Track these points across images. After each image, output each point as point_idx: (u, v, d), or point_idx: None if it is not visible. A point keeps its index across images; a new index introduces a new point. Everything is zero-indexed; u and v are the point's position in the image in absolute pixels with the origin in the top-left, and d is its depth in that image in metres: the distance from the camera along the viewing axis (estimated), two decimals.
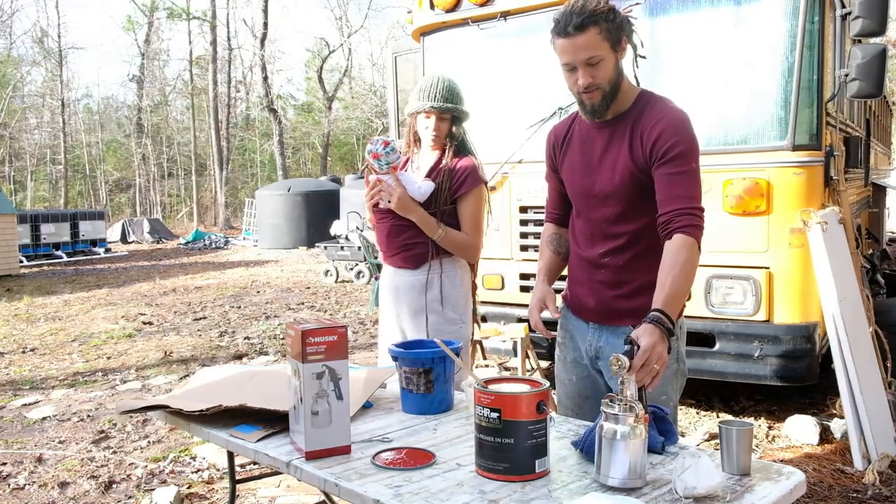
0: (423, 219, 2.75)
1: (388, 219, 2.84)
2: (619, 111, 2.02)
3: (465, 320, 2.89)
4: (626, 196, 1.99)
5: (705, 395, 4.70)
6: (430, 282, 2.80)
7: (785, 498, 1.53)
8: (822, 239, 3.56)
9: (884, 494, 3.22)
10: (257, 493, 3.46)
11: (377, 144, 2.76)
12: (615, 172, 2.00)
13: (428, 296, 2.81)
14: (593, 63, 1.91)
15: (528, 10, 4.26)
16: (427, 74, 2.86)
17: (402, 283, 2.86)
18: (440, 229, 2.77)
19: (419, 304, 2.83)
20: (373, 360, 6.21)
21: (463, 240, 2.82)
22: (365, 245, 10.89)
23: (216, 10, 31.90)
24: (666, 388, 2.09)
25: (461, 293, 2.86)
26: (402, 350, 2.20)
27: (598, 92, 1.95)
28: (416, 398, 2.13)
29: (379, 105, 30.66)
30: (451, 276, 2.83)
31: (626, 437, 1.51)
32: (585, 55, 1.89)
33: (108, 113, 41.59)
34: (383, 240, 2.90)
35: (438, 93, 2.77)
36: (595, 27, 1.88)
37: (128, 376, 5.96)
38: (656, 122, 1.95)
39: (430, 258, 2.80)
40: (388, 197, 2.74)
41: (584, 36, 1.88)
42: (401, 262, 2.86)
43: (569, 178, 2.15)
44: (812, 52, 3.66)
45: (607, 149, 2.03)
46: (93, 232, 19.08)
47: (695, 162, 1.94)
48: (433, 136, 2.81)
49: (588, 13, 1.87)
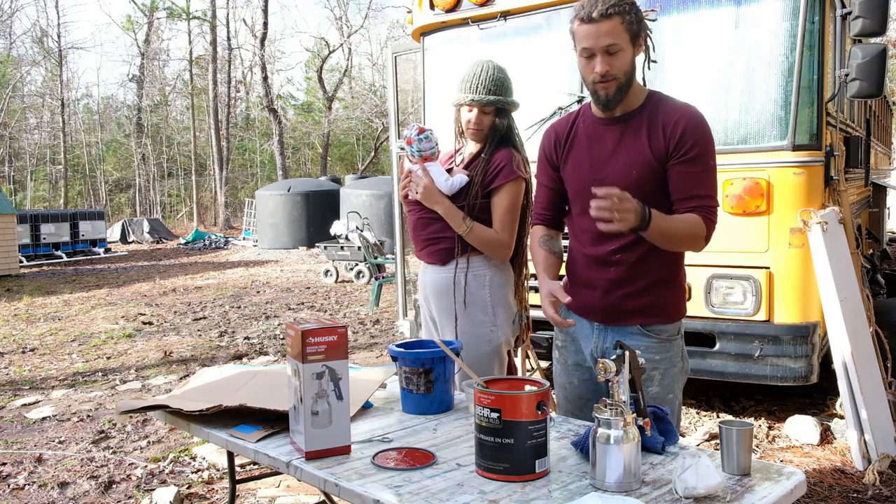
0: (449, 211, 2.62)
1: (417, 211, 2.74)
2: (629, 108, 2.04)
3: (499, 323, 2.67)
4: (639, 190, 1.99)
5: (705, 395, 4.70)
6: (457, 281, 2.65)
7: (785, 498, 1.53)
8: (822, 239, 3.55)
9: (884, 494, 3.22)
10: (257, 493, 3.46)
11: (412, 130, 2.70)
12: (631, 167, 2.01)
13: (455, 296, 2.66)
14: (613, 52, 1.94)
15: (528, 10, 4.26)
16: (474, 62, 2.69)
17: (430, 280, 2.75)
18: (466, 224, 2.61)
19: (446, 304, 2.70)
20: (373, 361, 6.21)
21: (491, 236, 2.63)
22: (365, 245, 10.89)
23: (216, 10, 31.91)
24: (673, 388, 2.10)
25: (490, 294, 2.66)
26: (402, 350, 2.19)
27: (615, 83, 1.97)
28: (416, 398, 2.13)
29: (379, 105, 30.64)
30: (480, 277, 2.65)
31: (619, 440, 1.53)
32: (607, 42, 1.93)
33: (108, 113, 41.59)
34: (412, 233, 2.81)
35: (482, 84, 2.60)
36: (619, 17, 1.92)
37: (128, 376, 5.96)
38: (678, 117, 1.98)
39: (457, 255, 2.66)
40: (416, 188, 2.66)
41: (609, 23, 1.92)
42: (428, 256, 2.74)
43: (573, 175, 2.14)
44: (812, 52, 3.66)
45: (620, 144, 2.04)
46: (93, 232, 19.08)
47: (713, 160, 2.00)
48: (474, 129, 2.65)
49: (615, 2, 1.92)
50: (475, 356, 2.60)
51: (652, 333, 2.07)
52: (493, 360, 2.68)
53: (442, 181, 2.66)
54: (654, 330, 2.07)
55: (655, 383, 2.05)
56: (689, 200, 1.96)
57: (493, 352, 2.67)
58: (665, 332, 2.08)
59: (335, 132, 36.18)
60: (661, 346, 2.07)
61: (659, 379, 2.06)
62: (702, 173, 1.97)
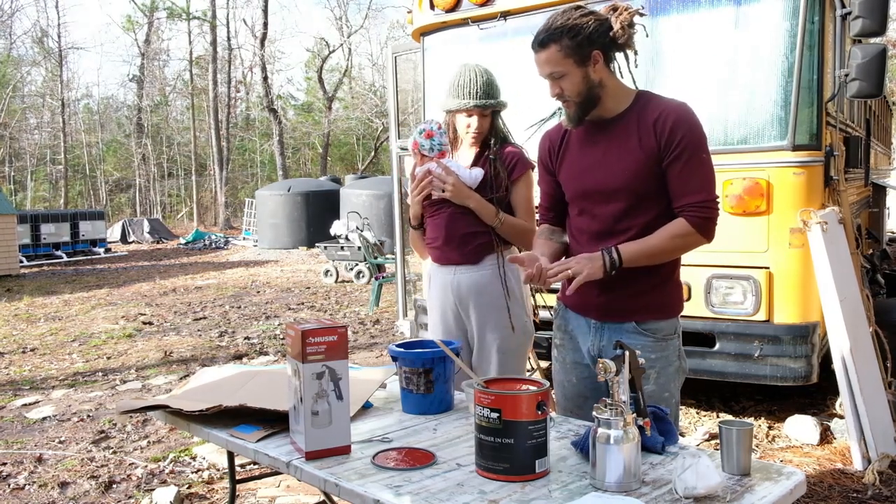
0: (482, 205, 2.61)
1: (445, 209, 2.68)
2: (617, 110, 2.06)
3: (529, 314, 2.75)
4: (634, 190, 2.02)
5: (705, 395, 4.70)
6: (500, 276, 2.67)
7: (785, 498, 1.53)
8: (822, 239, 3.55)
9: (884, 494, 3.22)
10: (257, 493, 3.46)
11: (432, 124, 2.67)
12: (625, 167, 2.02)
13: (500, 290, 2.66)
14: (556, 77, 2.01)
15: (528, 10, 4.26)
16: (461, 67, 2.71)
17: (465, 281, 2.69)
18: (499, 216, 2.63)
19: (488, 300, 2.67)
20: (373, 361, 6.22)
21: (522, 225, 2.67)
22: (365, 245, 10.89)
23: (216, 10, 31.92)
24: (669, 386, 2.11)
25: (519, 287, 2.71)
26: (402, 350, 2.19)
27: (570, 103, 2.04)
28: (417, 398, 2.12)
29: (379, 105, 30.65)
30: (514, 270, 2.67)
31: (619, 440, 1.53)
32: (547, 70, 2.02)
33: (108, 113, 41.59)
34: (441, 233, 2.71)
35: (480, 89, 2.63)
36: (555, 44, 1.98)
37: (128, 376, 5.96)
38: (667, 114, 1.99)
39: (495, 248, 2.67)
40: (442, 186, 2.61)
41: (546, 52, 2.00)
42: (460, 257, 2.69)
43: (569, 179, 2.17)
44: (812, 51, 3.66)
45: (613, 145, 2.05)
46: (93, 232, 19.08)
47: (705, 152, 2.01)
48: (476, 133, 2.67)
49: (550, 31, 1.98)
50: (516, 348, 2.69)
51: (648, 332, 2.08)
52: (528, 351, 2.78)
53: (466, 174, 2.65)
54: (649, 328, 2.08)
55: (651, 381, 2.06)
56: (682, 198, 1.99)
57: (528, 343, 2.76)
58: (661, 332, 2.09)
59: (335, 132, 36.19)
60: (656, 345, 2.08)
61: (655, 377, 2.07)
62: (695, 168, 1.98)
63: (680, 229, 1.98)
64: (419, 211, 2.78)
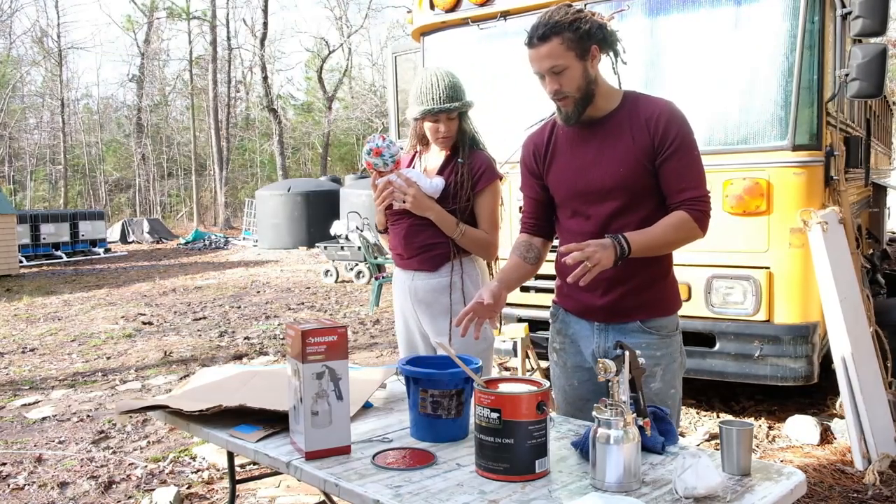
0: (442, 217, 2.62)
1: (405, 220, 2.70)
2: (607, 110, 2.07)
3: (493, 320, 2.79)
4: (629, 188, 2.03)
5: (705, 395, 4.70)
6: (453, 284, 2.67)
7: (785, 498, 1.53)
8: (822, 239, 3.55)
9: (884, 494, 3.22)
10: (257, 493, 3.46)
11: (376, 140, 2.67)
12: (617, 166, 2.03)
13: (452, 298, 2.66)
14: (557, 71, 1.99)
15: (528, 10, 4.26)
16: (423, 72, 2.72)
17: (422, 287, 2.72)
18: (459, 227, 2.63)
19: (442, 308, 2.69)
20: (373, 361, 6.21)
21: (482, 237, 2.68)
22: (365, 245, 10.88)
23: (216, 10, 31.91)
24: (674, 383, 2.12)
25: None
26: (430, 370, 1.87)
27: (569, 99, 2.03)
28: (446, 424, 1.84)
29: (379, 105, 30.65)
30: (473, 276, 2.70)
31: (619, 441, 1.53)
32: (549, 64, 1.99)
33: (108, 113, 41.56)
34: (400, 242, 2.74)
35: (443, 92, 2.62)
36: (557, 37, 1.97)
37: (128, 376, 5.96)
38: (660, 111, 2.01)
39: (452, 258, 2.67)
40: (402, 196, 2.61)
41: (548, 46, 1.99)
42: (418, 264, 2.71)
43: (559, 182, 2.16)
44: (812, 52, 3.66)
45: (605, 145, 2.06)
46: (92, 232, 19.07)
47: (696, 149, 2.04)
48: (444, 137, 2.67)
49: (551, 24, 1.98)
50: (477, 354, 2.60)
51: (652, 330, 2.09)
52: (490, 356, 2.77)
53: (426, 185, 2.65)
54: (654, 326, 2.09)
55: (658, 379, 2.07)
56: (679, 194, 2.01)
57: (488, 348, 2.75)
58: (665, 329, 2.10)
59: (335, 132, 36.20)
60: (661, 343, 2.09)
61: (661, 375, 2.08)
62: (688, 164, 2.01)
63: (681, 221, 1.99)
64: (383, 218, 2.81)
